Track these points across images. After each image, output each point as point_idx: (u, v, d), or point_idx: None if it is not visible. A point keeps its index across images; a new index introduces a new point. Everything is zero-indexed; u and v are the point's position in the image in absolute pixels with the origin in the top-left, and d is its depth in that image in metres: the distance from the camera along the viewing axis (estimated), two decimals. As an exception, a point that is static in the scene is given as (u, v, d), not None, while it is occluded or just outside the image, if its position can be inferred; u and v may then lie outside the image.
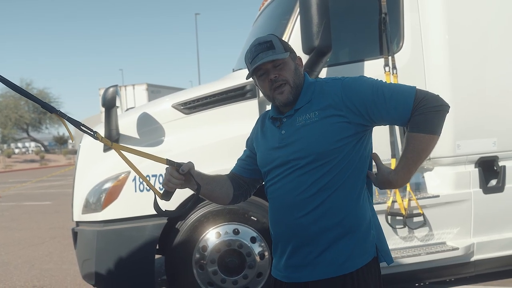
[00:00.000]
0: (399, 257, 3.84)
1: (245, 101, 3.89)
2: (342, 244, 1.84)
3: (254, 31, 5.02)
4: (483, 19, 4.05)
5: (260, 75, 1.89)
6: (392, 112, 1.81)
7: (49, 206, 12.21)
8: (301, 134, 1.85)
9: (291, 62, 1.89)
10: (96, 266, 3.69)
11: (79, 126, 1.76)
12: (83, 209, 3.80)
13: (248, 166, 2.13)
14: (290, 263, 1.92)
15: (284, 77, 1.86)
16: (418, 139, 1.79)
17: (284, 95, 1.86)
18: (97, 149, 3.87)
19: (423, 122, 1.77)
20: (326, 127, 1.82)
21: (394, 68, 3.87)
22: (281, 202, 1.91)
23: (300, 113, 1.88)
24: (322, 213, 1.83)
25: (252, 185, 2.17)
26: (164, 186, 1.87)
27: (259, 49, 1.85)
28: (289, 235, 1.91)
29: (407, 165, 1.84)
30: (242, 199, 2.17)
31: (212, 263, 3.71)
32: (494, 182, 4.12)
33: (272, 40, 1.86)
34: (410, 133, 1.81)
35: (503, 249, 4.13)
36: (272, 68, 1.85)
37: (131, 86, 26.10)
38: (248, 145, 2.18)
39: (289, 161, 1.86)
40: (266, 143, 1.98)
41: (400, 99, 1.80)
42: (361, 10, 4.29)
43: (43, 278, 5.60)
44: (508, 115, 4.07)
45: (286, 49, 1.87)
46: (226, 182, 2.09)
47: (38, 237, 8.11)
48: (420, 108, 1.78)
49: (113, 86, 3.87)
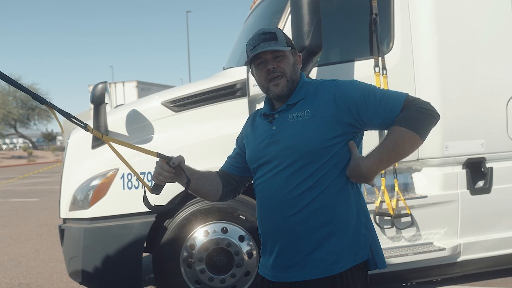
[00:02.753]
0: (387, 257, 3.86)
1: (235, 99, 3.88)
2: (330, 244, 1.83)
3: (245, 30, 5.01)
4: (473, 20, 4.09)
5: (258, 64, 1.89)
6: (381, 112, 1.82)
7: (36, 203, 12.11)
8: (291, 131, 1.85)
9: (291, 56, 1.91)
10: (83, 263, 3.67)
11: (70, 118, 1.73)
12: (71, 206, 3.77)
13: (238, 164, 2.13)
14: (278, 262, 1.91)
15: (282, 69, 1.87)
16: (398, 132, 1.77)
17: (279, 88, 1.87)
18: (85, 146, 3.84)
19: (408, 118, 1.78)
20: (317, 125, 1.82)
21: (384, 69, 3.89)
22: (269, 201, 1.91)
23: (293, 110, 1.88)
24: (310, 212, 1.83)
25: (242, 183, 2.17)
26: (154, 179, 1.86)
27: (262, 38, 1.85)
28: (277, 234, 1.90)
29: (380, 154, 1.81)
30: (231, 197, 2.16)
31: (200, 261, 3.70)
32: (482, 183, 4.15)
33: (276, 32, 1.87)
34: (393, 126, 1.80)
35: (490, 250, 4.17)
36: (271, 59, 1.86)
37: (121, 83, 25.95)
38: (238, 143, 2.18)
39: (278, 157, 1.86)
40: (256, 139, 1.98)
41: (390, 101, 1.82)
42: (352, 10, 4.30)
43: (29, 275, 5.55)
44: (497, 117, 4.10)
45: (289, 43, 1.89)
46: (216, 178, 2.09)
47: (24, 234, 8.04)
48: (409, 106, 1.80)
49: (103, 82, 3.85)
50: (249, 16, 5.08)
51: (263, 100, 3.90)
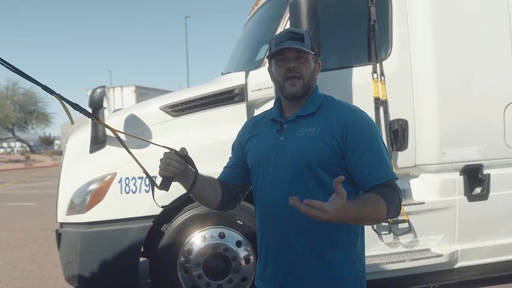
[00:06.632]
0: (384, 263, 3.86)
1: (234, 104, 3.89)
2: (326, 271, 1.80)
3: (244, 35, 5.03)
4: (470, 27, 4.11)
5: (279, 60, 1.86)
6: (364, 172, 1.77)
7: (33, 207, 12.07)
8: (299, 145, 1.81)
9: (313, 62, 1.88)
10: (80, 268, 3.66)
11: (79, 109, 1.68)
12: (68, 210, 3.77)
13: (235, 174, 2.07)
14: (273, 278, 1.89)
15: (301, 71, 1.84)
16: (380, 207, 1.68)
17: (295, 88, 1.83)
18: (83, 150, 3.84)
19: (391, 201, 1.73)
20: (323, 145, 1.78)
21: (382, 75, 3.90)
22: (269, 213, 1.87)
23: (303, 124, 1.84)
24: (310, 235, 1.80)
25: (241, 192, 2.11)
26: (162, 172, 1.76)
27: (289, 37, 1.83)
28: (274, 249, 1.88)
29: (358, 206, 1.62)
30: (230, 206, 2.08)
31: (197, 266, 3.70)
32: (479, 190, 4.16)
33: (304, 35, 1.86)
34: (381, 198, 1.69)
35: (487, 257, 4.18)
36: (294, 58, 1.83)
37: (119, 87, 25.98)
38: (234, 151, 2.12)
39: (282, 169, 1.83)
40: (260, 142, 1.93)
41: (381, 169, 1.78)
42: (350, 17, 4.32)
43: (25, 280, 5.52)
44: (494, 124, 4.12)
45: (313, 49, 1.87)
46: (216, 183, 2.04)
47: (21, 238, 8.01)
48: (393, 188, 1.77)
49: (101, 87, 3.85)
50: (248, 21, 5.09)
51: (261, 106, 3.94)
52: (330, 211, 1.49)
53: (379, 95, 3.90)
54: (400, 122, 3.95)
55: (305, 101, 1.88)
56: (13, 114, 43.76)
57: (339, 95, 3.87)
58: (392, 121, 3.95)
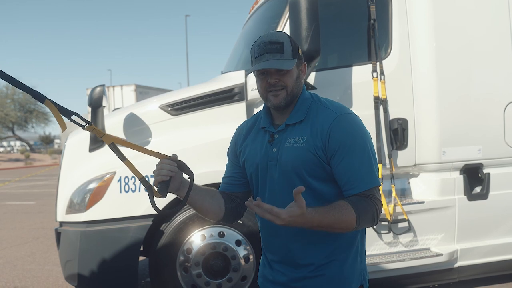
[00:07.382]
0: (384, 263, 3.86)
1: (233, 103, 3.88)
2: (331, 270, 1.82)
3: (244, 34, 5.02)
4: (470, 26, 4.11)
5: (260, 73, 1.83)
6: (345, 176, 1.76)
7: (33, 206, 12.07)
8: (288, 156, 1.80)
9: (296, 69, 1.82)
10: (79, 267, 3.65)
11: (70, 117, 1.67)
12: (67, 209, 3.76)
13: (236, 181, 2.02)
14: (277, 279, 1.90)
15: (284, 83, 1.79)
16: (348, 215, 1.67)
17: (278, 99, 1.80)
18: (83, 149, 3.84)
19: (363, 211, 1.71)
20: (309, 155, 1.77)
21: (382, 74, 3.90)
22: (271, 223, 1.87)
23: (291, 134, 1.82)
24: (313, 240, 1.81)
25: (245, 198, 2.00)
26: (157, 178, 1.72)
27: (268, 49, 1.77)
28: (278, 258, 1.89)
29: (321, 215, 1.64)
30: (236, 216, 2.02)
31: (196, 265, 3.69)
32: (479, 189, 4.16)
33: (284, 43, 1.78)
34: (350, 206, 1.69)
35: (486, 256, 4.18)
36: (274, 72, 1.78)
37: (119, 86, 25.98)
38: (230, 157, 2.07)
39: (277, 181, 1.83)
40: (254, 155, 1.91)
41: (362, 171, 1.75)
42: (350, 16, 4.31)
43: (25, 278, 5.52)
44: (494, 123, 4.12)
45: (295, 54, 1.80)
46: (217, 194, 1.97)
47: (20, 237, 8.01)
48: (371, 198, 1.75)
49: (100, 85, 3.85)
50: (247, 20, 5.09)
51: (261, 105, 3.94)
52: (284, 217, 1.53)
53: (379, 94, 3.90)
54: (400, 121, 3.95)
55: (292, 107, 1.85)
56: (13, 113, 43.78)
57: (339, 94, 3.90)
58: (392, 120, 3.95)
